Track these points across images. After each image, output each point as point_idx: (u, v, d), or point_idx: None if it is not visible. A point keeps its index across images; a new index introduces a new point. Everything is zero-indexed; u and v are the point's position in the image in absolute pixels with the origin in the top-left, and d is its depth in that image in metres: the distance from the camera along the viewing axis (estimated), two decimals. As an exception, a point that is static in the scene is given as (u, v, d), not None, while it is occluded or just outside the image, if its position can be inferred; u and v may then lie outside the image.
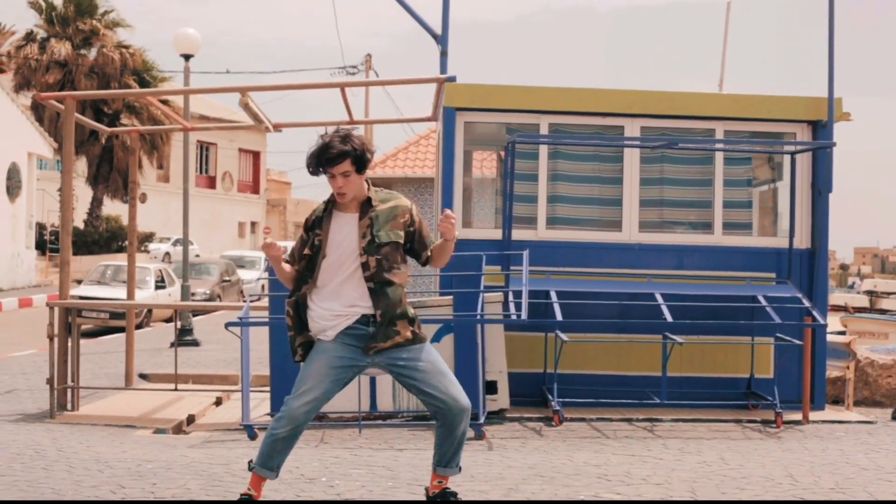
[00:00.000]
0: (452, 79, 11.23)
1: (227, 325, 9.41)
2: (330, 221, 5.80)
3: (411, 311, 5.83)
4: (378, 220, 5.75)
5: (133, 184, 13.51)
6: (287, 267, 5.93)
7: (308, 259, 5.81)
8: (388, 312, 5.70)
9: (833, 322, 18.95)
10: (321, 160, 5.68)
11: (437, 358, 5.85)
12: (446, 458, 5.90)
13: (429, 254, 5.93)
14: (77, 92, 23.67)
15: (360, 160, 5.68)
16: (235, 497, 6.17)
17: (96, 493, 6.49)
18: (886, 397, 12.85)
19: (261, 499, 5.83)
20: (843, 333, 17.21)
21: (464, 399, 5.78)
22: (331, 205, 5.85)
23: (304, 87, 13.86)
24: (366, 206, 5.80)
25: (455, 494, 5.98)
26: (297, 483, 6.86)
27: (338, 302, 5.74)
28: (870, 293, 38.27)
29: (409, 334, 5.75)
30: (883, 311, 31.88)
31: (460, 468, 5.95)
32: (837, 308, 30.08)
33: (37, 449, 8.27)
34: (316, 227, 5.83)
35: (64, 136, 11.10)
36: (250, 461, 5.88)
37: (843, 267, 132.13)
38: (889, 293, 38.36)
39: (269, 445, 5.77)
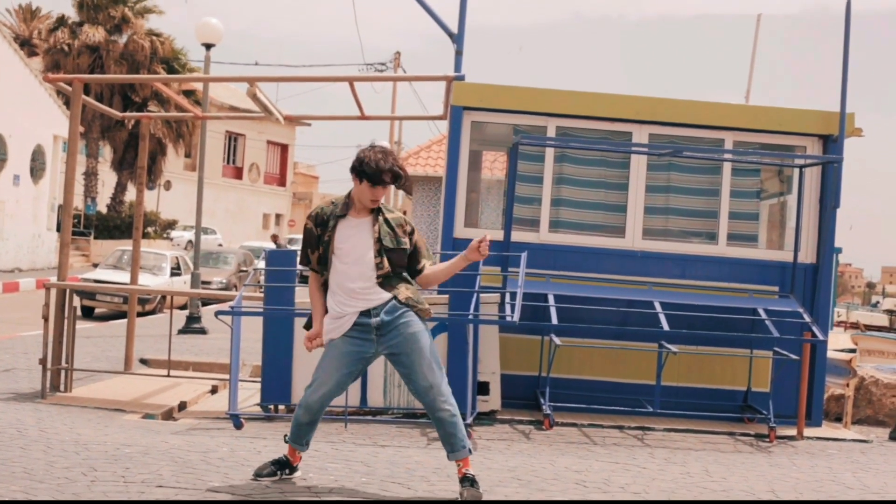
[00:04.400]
0: (461, 77, 11.20)
1: (218, 313, 9.40)
2: (342, 223, 6.35)
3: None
4: (389, 225, 6.35)
5: (140, 169, 13.54)
6: (321, 297, 6.54)
7: (319, 256, 6.41)
8: (410, 288, 6.42)
9: (844, 339, 18.82)
10: (392, 180, 6.26)
11: (425, 347, 6.33)
12: (448, 444, 6.34)
13: (424, 265, 6.50)
14: (84, 75, 23.79)
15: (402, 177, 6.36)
16: (204, 485, 6.41)
17: (67, 475, 6.47)
18: (890, 416, 12.68)
19: (294, 464, 6.67)
20: (853, 351, 17.06)
21: (436, 380, 6.28)
22: (344, 208, 6.39)
23: (311, 79, 13.95)
24: (375, 212, 6.37)
25: (473, 481, 6.27)
26: (269, 474, 6.80)
27: (348, 303, 6.32)
28: (890, 312, 37.93)
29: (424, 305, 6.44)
30: (903, 331, 31.59)
31: (469, 449, 6.35)
32: (854, 326, 29.86)
33: (19, 428, 8.28)
34: (326, 226, 6.38)
35: (70, 118, 11.12)
36: (286, 435, 6.63)
37: (870, 285, 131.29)
38: (910, 312, 37.99)
39: (295, 427, 6.53)
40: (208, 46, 19.88)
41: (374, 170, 6.22)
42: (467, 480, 6.25)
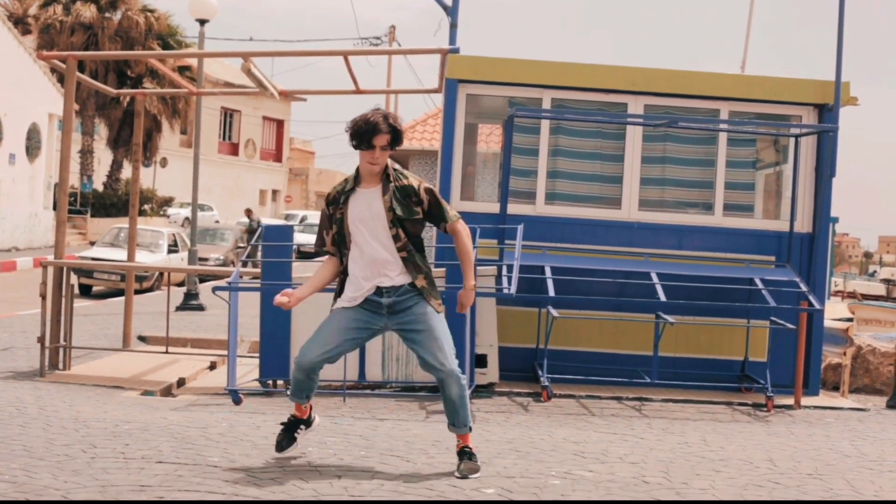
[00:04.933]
0: (456, 50, 11.18)
1: (215, 289, 9.41)
2: (353, 197, 6.29)
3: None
4: (397, 194, 6.25)
5: (136, 146, 13.58)
6: (324, 274, 6.50)
7: (334, 235, 6.38)
8: (428, 276, 6.35)
9: (841, 308, 18.83)
10: (371, 133, 6.14)
11: (437, 324, 6.31)
12: (451, 418, 6.37)
13: (444, 227, 6.44)
14: (78, 52, 23.70)
15: (398, 137, 6.24)
16: (204, 460, 6.41)
17: (67, 452, 6.49)
18: (887, 385, 12.73)
19: (304, 417, 6.65)
20: (850, 320, 17.06)
21: (450, 364, 6.23)
22: (354, 182, 6.33)
23: (306, 54, 13.92)
24: (386, 181, 6.29)
25: (470, 454, 6.34)
26: (268, 450, 6.82)
27: (371, 272, 6.28)
28: (887, 281, 37.96)
29: (438, 299, 6.40)
30: (899, 300, 31.57)
31: (469, 427, 6.37)
32: (851, 295, 29.87)
33: (19, 406, 8.30)
34: (338, 202, 6.33)
35: (65, 95, 11.11)
36: (287, 390, 6.76)
37: (867, 255, 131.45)
38: (905, 282, 37.97)
39: (293, 383, 6.47)
40: (202, 22, 19.79)
41: (356, 129, 6.18)
42: (465, 454, 6.30)
